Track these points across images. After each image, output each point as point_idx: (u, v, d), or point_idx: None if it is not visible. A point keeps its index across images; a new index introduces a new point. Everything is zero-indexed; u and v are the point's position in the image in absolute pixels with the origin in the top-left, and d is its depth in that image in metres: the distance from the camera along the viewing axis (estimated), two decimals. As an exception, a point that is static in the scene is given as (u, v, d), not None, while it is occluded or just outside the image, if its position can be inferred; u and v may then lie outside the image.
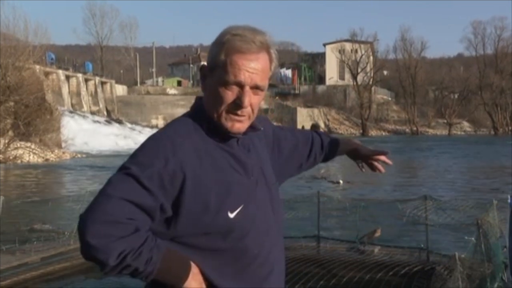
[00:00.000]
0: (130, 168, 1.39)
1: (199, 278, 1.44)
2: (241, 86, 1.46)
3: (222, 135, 1.51)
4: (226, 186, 1.46)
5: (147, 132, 54.94)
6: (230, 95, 1.47)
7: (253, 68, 1.47)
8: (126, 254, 1.32)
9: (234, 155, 1.52)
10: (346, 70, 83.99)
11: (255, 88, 1.49)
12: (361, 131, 78.01)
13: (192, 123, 1.51)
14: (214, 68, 1.49)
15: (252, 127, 1.56)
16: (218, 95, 1.48)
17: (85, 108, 54.97)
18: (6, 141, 29.88)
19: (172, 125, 1.52)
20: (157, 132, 1.50)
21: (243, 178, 1.51)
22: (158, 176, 1.38)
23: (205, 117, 1.51)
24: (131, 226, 1.34)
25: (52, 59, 51.09)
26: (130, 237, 1.33)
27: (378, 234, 8.27)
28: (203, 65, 1.56)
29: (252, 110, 1.50)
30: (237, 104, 1.47)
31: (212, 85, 1.50)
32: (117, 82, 69.36)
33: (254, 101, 1.49)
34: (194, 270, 1.43)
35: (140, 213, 1.36)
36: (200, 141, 1.48)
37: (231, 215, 1.45)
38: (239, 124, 1.49)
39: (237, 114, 1.48)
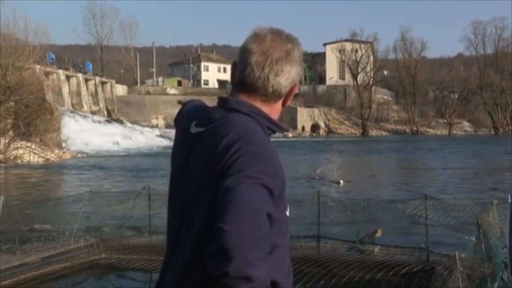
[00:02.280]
0: (263, 178, 1.32)
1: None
2: None
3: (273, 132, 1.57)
4: (284, 185, 1.47)
5: (148, 132, 55.03)
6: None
7: None
8: (273, 270, 1.27)
9: None
10: (346, 70, 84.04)
11: None
12: (361, 131, 78.06)
13: (255, 124, 1.50)
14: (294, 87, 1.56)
15: None
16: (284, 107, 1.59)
17: (85, 108, 55.02)
18: (7, 141, 29.89)
19: (253, 129, 1.46)
20: (248, 137, 1.42)
21: None
22: (282, 187, 1.38)
23: (265, 117, 1.51)
24: (270, 240, 1.28)
25: (52, 59, 51.08)
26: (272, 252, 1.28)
27: (379, 234, 8.27)
28: (296, 84, 1.57)
29: None
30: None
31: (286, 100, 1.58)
32: (117, 82, 69.43)
33: None
34: None
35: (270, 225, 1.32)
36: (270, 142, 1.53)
37: (287, 213, 1.47)
38: None
39: None
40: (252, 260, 1.21)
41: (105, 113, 59.81)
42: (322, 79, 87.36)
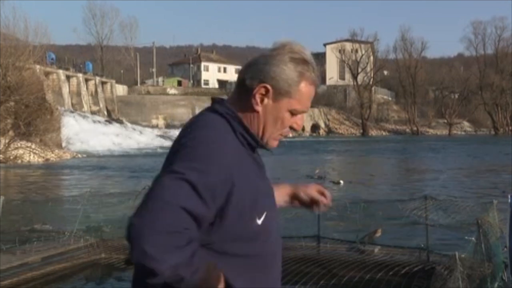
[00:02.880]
0: (187, 173, 1.33)
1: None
2: (301, 112, 1.53)
3: (251, 144, 1.50)
4: (255, 192, 1.46)
5: (148, 132, 55.05)
6: (291, 120, 1.52)
7: None
8: (180, 265, 1.28)
9: (257, 161, 1.54)
10: (346, 70, 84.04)
11: None
12: (361, 131, 78.06)
13: (228, 126, 1.46)
14: (284, 94, 1.48)
15: None
16: (280, 119, 1.50)
17: (85, 108, 55.00)
18: (7, 141, 29.89)
19: (211, 126, 1.45)
20: (199, 132, 1.43)
21: (265, 184, 1.54)
22: (214, 185, 1.35)
23: (243, 125, 1.48)
24: (187, 236, 1.30)
25: (52, 59, 51.07)
26: (186, 247, 1.29)
27: (378, 234, 8.26)
28: (266, 86, 1.47)
29: None
30: (292, 128, 1.54)
31: (276, 110, 1.49)
32: (117, 82, 69.43)
33: None
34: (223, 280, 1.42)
35: (193, 222, 1.32)
36: (238, 146, 1.46)
37: (259, 221, 1.46)
38: (278, 142, 1.55)
39: (281, 135, 1.53)
40: (151, 253, 1.23)
41: (105, 113, 59.80)
42: (322, 79, 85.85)
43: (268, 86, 1.47)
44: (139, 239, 1.25)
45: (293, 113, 1.50)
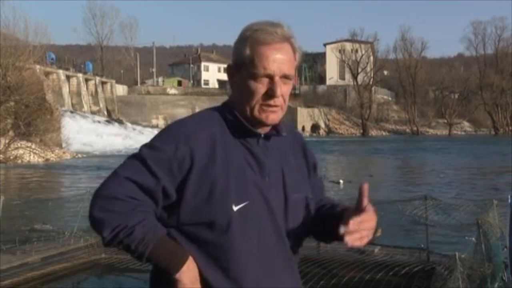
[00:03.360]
0: (142, 150, 1.49)
1: (194, 273, 1.43)
2: (271, 77, 1.49)
3: (245, 132, 1.53)
4: (235, 179, 1.47)
5: (148, 132, 54.99)
6: (261, 87, 1.49)
7: (280, 58, 1.50)
8: (119, 230, 1.40)
9: (253, 152, 1.53)
10: (347, 70, 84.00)
11: (284, 77, 1.51)
12: (361, 131, 78.03)
13: (218, 116, 1.55)
14: (241, 65, 1.52)
15: (276, 130, 1.58)
16: (250, 89, 1.50)
17: (85, 108, 54.99)
18: (7, 141, 29.87)
19: (196, 114, 1.59)
20: (180, 119, 1.56)
21: (257, 176, 1.52)
22: (167, 160, 1.45)
23: (232, 113, 1.54)
24: (130, 204, 1.42)
25: (52, 59, 51.06)
26: (127, 214, 1.41)
27: (378, 234, 8.20)
28: (229, 65, 1.59)
29: (284, 100, 1.53)
30: (270, 95, 1.49)
31: (242, 81, 1.52)
32: (117, 82, 69.41)
33: (284, 91, 1.52)
34: (190, 264, 1.43)
35: (142, 194, 1.43)
36: (219, 133, 1.51)
37: (235, 208, 1.46)
38: (273, 115, 1.52)
39: (270, 105, 1.50)
40: (94, 215, 1.44)
41: (105, 113, 59.79)
42: (322, 79, 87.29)
43: (231, 64, 1.58)
44: (90, 205, 1.45)
45: (255, 77, 1.49)
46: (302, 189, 1.61)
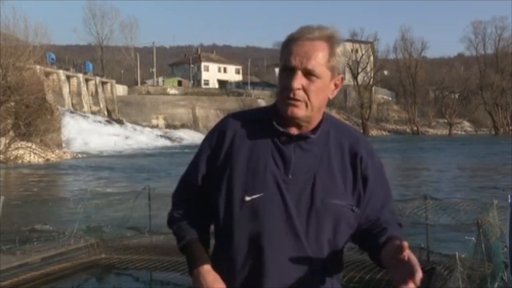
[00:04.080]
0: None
1: (202, 278, 1.53)
2: (292, 69, 1.51)
3: (276, 130, 1.56)
4: (253, 169, 1.52)
5: (148, 132, 55.02)
6: (284, 80, 1.53)
7: (304, 52, 1.50)
8: (172, 221, 1.68)
9: (280, 148, 1.55)
10: (347, 70, 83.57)
11: (307, 73, 1.51)
12: (361, 131, 77.97)
13: (258, 113, 1.67)
14: (280, 60, 1.57)
15: (312, 131, 1.57)
16: (279, 83, 1.57)
17: (85, 108, 54.96)
18: (7, 141, 29.89)
19: (244, 110, 1.76)
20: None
21: (279, 171, 1.53)
22: (206, 147, 1.64)
23: (270, 111, 1.62)
24: (181, 198, 1.70)
25: (52, 59, 51.03)
26: (179, 207, 1.68)
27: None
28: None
29: (308, 96, 1.52)
30: (287, 87, 1.51)
31: (278, 75, 1.58)
32: (117, 82, 69.33)
33: (308, 86, 1.51)
34: (203, 271, 1.54)
35: (193, 185, 1.65)
36: (250, 126, 1.60)
37: (247, 198, 1.50)
38: (294, 108, 1.52)
39: (289, 98, 1.52)
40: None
41: (106, 113, 59.73)
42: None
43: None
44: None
45: (281, 71, 1.55)
46: (338, 197, 1.54)
